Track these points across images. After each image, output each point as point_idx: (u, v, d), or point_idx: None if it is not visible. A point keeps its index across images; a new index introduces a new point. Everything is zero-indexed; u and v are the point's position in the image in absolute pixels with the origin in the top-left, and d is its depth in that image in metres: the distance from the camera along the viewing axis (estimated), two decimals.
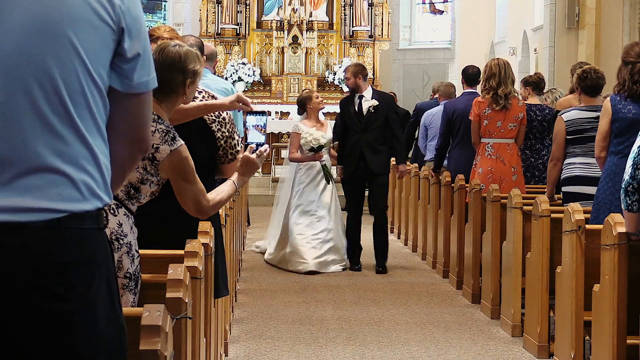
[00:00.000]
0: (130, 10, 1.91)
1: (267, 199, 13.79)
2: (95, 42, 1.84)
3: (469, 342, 5.99)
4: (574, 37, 13.45)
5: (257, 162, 3.62)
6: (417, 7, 21.57)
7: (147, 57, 1.97)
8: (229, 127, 4.08)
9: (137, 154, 2.05)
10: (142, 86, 1.96)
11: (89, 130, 1.84)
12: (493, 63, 7.50)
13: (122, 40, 1.90)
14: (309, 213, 8.78)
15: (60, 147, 1.80)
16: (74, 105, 1.82)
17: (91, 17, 1.83)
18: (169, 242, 3.64)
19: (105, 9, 1.86)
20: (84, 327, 1.82)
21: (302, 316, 6.74)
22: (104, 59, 1.87)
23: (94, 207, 1.85)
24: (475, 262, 7.23)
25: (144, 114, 2.00)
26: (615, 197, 5.25)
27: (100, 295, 1.86)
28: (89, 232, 1.85)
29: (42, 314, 1.77)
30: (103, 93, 1.88)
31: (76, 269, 1.81)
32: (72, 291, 1.80)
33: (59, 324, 1.79)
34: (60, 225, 1.79)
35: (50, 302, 1.77)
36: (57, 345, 1.79)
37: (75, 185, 1.82)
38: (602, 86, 6.37)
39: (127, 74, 1.93)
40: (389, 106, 8.83)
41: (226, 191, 3.50)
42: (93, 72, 1.84)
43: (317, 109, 8.86)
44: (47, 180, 1.78)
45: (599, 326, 4.55)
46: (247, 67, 19.03)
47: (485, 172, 7.35)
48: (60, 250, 1.79)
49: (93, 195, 1.85)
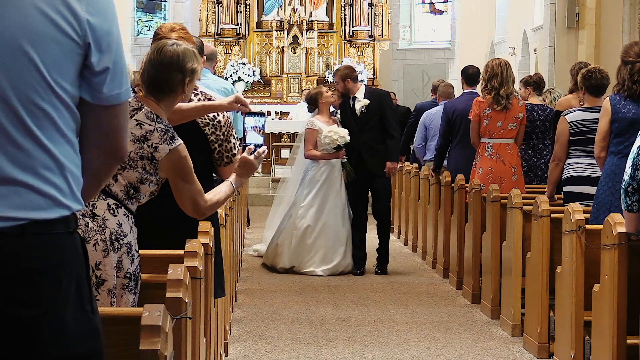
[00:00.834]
0: (99, 24, 1.90)
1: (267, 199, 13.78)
2: (56, 56, 1.84)
3: (469, 342, 5.99)
4: (574, 37, 13.45)
5: (255, 163, 3.62)
6: (417, 7, 21.59)
7: (119, 70, 1.96)
8: (224, 129, 4.05)
9: (113, 162, 2.05)
10: (112, 99, 1.95)
11: (52, 140, 1.84)
12: (494, 63, 7.48)
13: (88, 54, 1.89)
14: (320, 217, 8.54)
15: (21, 158, 1.80)
16: (32, 117, 1.81)
17: (52, 31, 1.83)
18: (169, 242, 3.64)
19: (68, 23, 1.85)
20: (52, 332, 1.81)
21: (302, 316, 6.74)
22: (67, 72, 1.86)
23: (59, 216, 1.84)
24: (475, 262, 7.23)
25: (118, 124, 2.00)
26: (615, 197, 5.25)
27: (69, 300, 1.84)
28: (56, 236, 1.84)
29: (8, 320, 1.76)
30: (68, 104, 1.88)
31: (41, 274, 1.80)
32: (37, 297, 1.79)
33: (26, 330, 1.78)
34: (24, 232, 1.79)
35: (15, 308, 1.77)
36: (25, 351, 1.78)
37: (40, 194, 1.81)
38: (607, 86, 6.36)
39: (96, 86, 1.92)
40: (383, 103, 8.66)
41: (224, 192, 3.50)
42: (54, 84, 1.84)
43: (329, 102, 8.69)
44: (10, 190, 1.79)
45: (599, 326, 4.55)
46: (247, 67, 19.04)
47: (485, 172, 7.35)
48: (24, 256, 1.79)
49: (58, 205, 1.84)
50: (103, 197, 3.19)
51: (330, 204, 8.60)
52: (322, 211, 8.58)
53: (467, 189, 7.61)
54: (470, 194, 7.35)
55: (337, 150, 8.49)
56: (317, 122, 8.59)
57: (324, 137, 8.44)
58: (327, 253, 8.57)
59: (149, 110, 3.32)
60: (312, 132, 8.58)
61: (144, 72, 3.41)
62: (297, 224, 8.61)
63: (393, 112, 8.85)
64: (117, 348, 2.40)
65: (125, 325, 2.42)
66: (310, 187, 8.64)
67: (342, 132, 8.42)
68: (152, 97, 3.37)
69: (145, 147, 3.24)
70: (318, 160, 8.61)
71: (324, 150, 8.53)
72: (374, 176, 8.59)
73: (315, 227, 8.57)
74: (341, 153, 8.52)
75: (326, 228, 8.58)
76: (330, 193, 8.62)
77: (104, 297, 3.08)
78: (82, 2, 1.87)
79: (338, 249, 8.61)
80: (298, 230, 8.60)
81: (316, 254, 8.56)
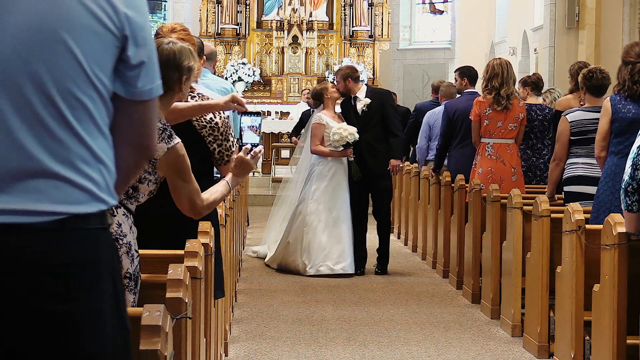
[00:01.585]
0: (136, 17, 1.90)
1: (267, 199, 13.79)
2: (95, 48, 1.84)
3: (469, 342, 5.99)
4: (574, 37, 13.45)
5: (251, 163, 3.62)
6: (417, 7, 21.59)
7: (152, 64, 1.96)
8: (222, 129, 4.06)
9: (142, 160, 2.05)
10: (145, 94, 1.95)
11: (90, 133, 1.84)
12: (495, 63, 7.47)
13: (125, 47, 1.89)
14: (331, 212, 8.45)
15: (60, 151, 1.80)
16: (71, 109, 1.81)
17: (92, 23, 1.83)
18: (169, 242, 3.64)
19: (108, 16, 1.85)
20: (88, 328, 1.81)
21: (302, 316, 6.74)
22: (105, 64, 1.86)
23: (97, 210, 1.84)
24: (475, 262, 7.23)
25: (149, 120, 1.99)
26: (615, 197, 5.25)
27: (105, 296, 1.85)
28: (93, 232, 1.84)
29: (45, 316, 1.76)
30: (105, 97, 1.88)
31: (79, 269, 1.80)
32: (75, 292, 1.79)
33: (62, 325, 1.78)
34: (63, 226, 1.79)
35: (53, 303, 1.76)
36: (61, 346, 1.78)
37: (78, 188, 1.81)
38: (607, 86, 6.36)
39: (130, 80, 1.92)
40: (385, 102, 8.60)
41: (220, 191, 3.50)
42: (92, 76, 1.83)
43: (334, 98, 8.61)
44: (49, 184, 1.78)
45: (599, 326, 4.55)
46: (247, 67, 19.05)
47: (485, 172, 7.35)
48: (63, 251, 1.78)
49: (96, 199, 1.84)
50: None
51: (340, 199, 8.51)
52: (333, 207, 8.49)
53: (467, 189, 7.61)
54: (470, 194, 7.35)
55: (345, 148, 8.45)
56: (325, 117, 8.51)
57: (332, 134, 8.35)
58: (343, 250, 8.45)
59: None
60: (319, 127, 8.49)
61: None
62: (308, 220, 8.50)
63: (395, 111, 8.78)
64: None
65: None
66: (318, 183, 8.53)
67: (352, 130, 8.33)
68: None
69: None
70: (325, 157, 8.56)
71: (329, 146, 8.48)
72: (375, 176, 8.53)
73: (328, 223, 8.47)
74: (349, 151, 8.44)
75: (338, 224, 8.47)
76: (339, 189, 8.53)
77: None
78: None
79: (351, 246, 8.50)
80: (309, 226, 8.49)
81: (331, 251, 8.45)
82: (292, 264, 8.57)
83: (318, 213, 8.48)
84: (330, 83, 9.10)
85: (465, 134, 7.96)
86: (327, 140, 8.44)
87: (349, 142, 8.33)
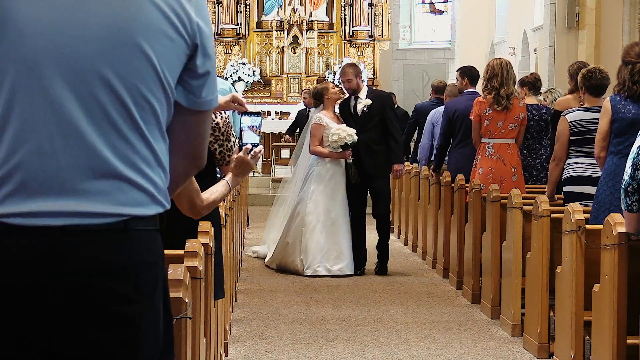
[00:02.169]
0: (206, 28, 1.91)
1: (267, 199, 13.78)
2: (169, 53, 1.84)
3: (469, 342, 5.99)
4: (574, 37, 13.46)
5: (251, 162, 3.63)
6: (417, 7, 21.60)
7: (214, 76, 1.97)
8: (223, 130, 4.06)
9: (192, 169, 2.05)
10: (205, 104, 1.95)
11: (154, 135, 1.84)
12: (495, 63, 7.47)
13: (194, 56, 1.89)
14: (329, 213, 8.44)
15: (126, 152, 1.80)
16: (139, 110, 1.81)
17: (167, 28, 1.83)
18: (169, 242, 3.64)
19: (182, 23, 1.86)
20: (149, 329, 1.82)
21: (302, 316, 6.74)
22: (175, 70, 1.87)
23: (155, 213, 1.85)
24: (475, 262, 7.23)
25: (203, 130, 2.00)
26: (615, 197, 5.25)
27: (162, 297, 1.87)
28: (153, 233, 1.86)
29: (112, 316, 1.77)
30: (171, 102, 1.88)
31: (143, 270, 1.81)
32: (140, 293, 1.80)
33: (127, 327, 1.78)
34: (127, 227, 1.79)
35: (119, 304, 1.77)
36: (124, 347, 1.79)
37: (140, 190, 1.82)
38: (607, 86, 6.36)
39: (194, 90, 1.92)
40: (385, 104, 8.58)
41: (219, 191, 3.51)
42: (164, 81, 1.84)
43: (334, 99, 8.58)
44: (113, 186, 1.78)
45: (599, 326, 4.55)
46: (247, 67, 19.05)
47: (485, 172, 7.35)
48: (128, 251, 1.79)
49: (155, 201, 1.85)
50: None
51: (339, 201, 8.51)
52: (331, 208, 8.48)
53: (467, 189, 7.62)
54: (470, 194, 7.35)
55: (343, 150, 8.44)
56: (324, 117, 8.49)
57: (331, 135, 8.33)
58: (341, 251, 8.47)
59: None
60: (318, 128, 8.48)
61: None
62: (306, 220, 8.50)
63: (395, 115, 8.75)
64: None
65: None
66: (317, 183, 8.53)
67: (351, 131, 8.31)
68: None
69: None
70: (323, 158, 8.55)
71: (328, 147, 8.48)
72: (372, 177, 8.52)
73: (326, 223, 8.47)
74: (347, 153, 8.43)
75: (336, 225, 8.48)
76: (337, 190, 8.53)
77: None
78: (191, 3, 1.88)
79: (349, 247, 8.53)
80: (307, 227, 8.49)
81: (328, 252, 8.46)
82: (291, 264, 8.57)
83: (316, 214, 8.48)
84: (332, 83, 9.08)
85: (465, 134, 7.96)
86: (327, 141, 8.43)
87: (347, 144, 8.32)
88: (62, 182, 1.75)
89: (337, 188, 8.53)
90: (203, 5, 1.92)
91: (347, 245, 8.51)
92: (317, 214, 8.48)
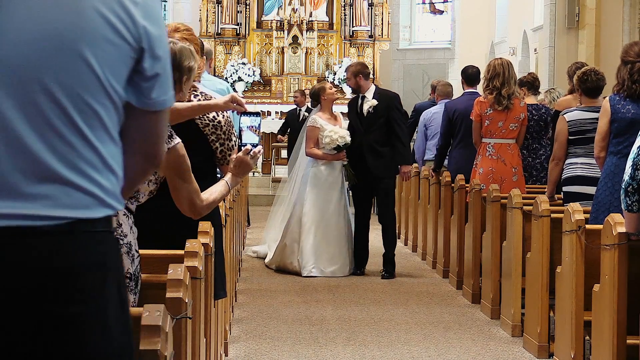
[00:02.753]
0: (153, 30, 1.91)
1: (267, 199, 13.79)
2: (112, 58, 1.84)
3: (469, 342, 5.99)
4: (574, 37, 13.45)
5: (250, 163, 3.63)
6: (417, 7, 21.58)
7: (167, 76, 1.98)
8: (225, 129, 4.06)
9: (149, 168, 2.06)
10: (158, 104, 1.96)
11: (100, 139, 1.85)
12: (496, 63, 7.46)
13: (141, 59, 1.90)
14: (324, 215, 8.46)
15: (69, 155, 1.80)
16: (82, 116, 1.81)
17: (110, 34, 1.83)
18: (169, 242, 3.64)
19: (126, 28, 1.86)
20: (96, 331, 1.81)
21: (302, 316, 6.74)
22: (120, 74, 1.87)
23: (104, 215, 1.86)
24: (475, 262, 7.23)
25: (159, 130, 2.01)
26: (614, 197, 5.25)
27: (112, 300, 1.86)
28: (101, 235, 1.85)
29: (53, 318, 1.77)
30: (117, 105, 1.89)
31: (89, 272, 1.81)
32: (84, 295, 1.80)
33: (69, 328, 1.78)
34: (71, 229, 1.79)
35: (60, 306, 1.77)
36: (67, 349, 1.79)
37: (86, 193, 1.82)
38: (603, 87, 6.37)
39: (144, 92, 1.93)
40: (391, 105, 8.52)
41: (219, 191, 3.51)
42: (107, 85, 1.84)
43: (331, 99, 8.57)
44: (58, 190, 1.79)
45: (599, 326, 4.56)
46: (247, 67, 19.04)
47: (485, 173, 7.34)
48: (72, 253, 1.79)
49: (103, 204, 1.85)
50: None
51: (334, 203, 8.52)
52: (326, 210, 8.49)
53: (467, 189, 7.62)
54: (471, 194, 7.35)
55: (337, 152, 8.44)
56: (319, 119, 8.49)
57: (324, 137, 8.35)
58: (334, 253, 8.49)
59: None
60: (313, 130, 8.48)
61: None
62: (302, 220, 8.52)
63: (401, 115, 8.66)
64: None
65: None
66: (312, 185, 8.53)
67: (343, 133, 8.33)
68: None
69: None
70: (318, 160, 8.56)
71: (323, 149, 8.47)
72: (376, 178, 8.47)
73: (320, 225, 8.48)
74: (342, 155, 8.44)
75: (330, 228, 8.49)
76: (333, 192, 8.54)
77: None
78: (138, 7, 1.87)
79: (342, 249, 8.56)
80: (303, 227, 8.50)
81: (322, 254, 8.47)
82: (290, 265, 8.59)
83: (310, 215, 8.50)
84: (329, 83, 9.07)
85: (465, 134, 7.96)
86: (322, 143, 8.44)
87: (340, 146, 8.32)
88: (7, 186, 1.76)
89: (332, 190, 8.53)
90: (152, 7, 1.92)
91: (342, 247, 8.53)
92: (312, 215, 8.50)
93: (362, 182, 8.52)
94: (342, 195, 8.58)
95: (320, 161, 8.53)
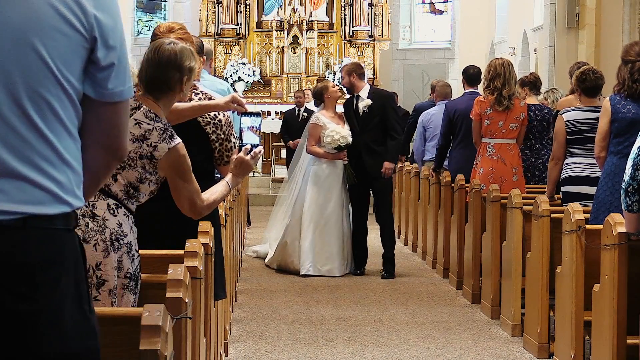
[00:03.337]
0: (105, 19, 1.90)
1: (267, 199, 13.79)
2: (63, 49, 1.83)
3: (469, 342, 5.99)
4: (574, 37, 13.45)
5: (251, 163, 3.63)
6: (417, 7, 21.58)
7: (123, 67, 1.96)
8: (225, 129, 4.07)
9: (113, 161, 2.03)
10: (116, 95, 1.95)
11: (56, 133, 1.83)
12: (497, 63, 7.45)
13: (94, 48, 1.89)
14: (323, 214, 8.45)
15: (23, 150, 1.79)
16: (36, 109, 1.80)
17: (60, 24, 1.82)
18: (169, 242, 3.64)
19: (77, 17, 1.85)
20: (49, 328, 1.80)
21: (302, 316, 6.74)
22: (73, 65, 1.86)
23: (60, 212, 1.83)
24: (475, 262, 7.23)
25: (119, 122, 1.99)
26: (614, 197, 5.24)
27: (68, 298, 1.84)
28: (56, 232, 1.83)
29: (6, 315, 1.75)
30: (73, 98, 1.87)
31: (42, 269, 1.79)
32: (37, 292, 1.78)
33: (24, 325, 1.77)
34: (25, 225, 1.78)
35: (14, 302, 1.76)
36: (21, 346, 1.77)
37: (40, 189, 1.80)
38: (601, 86, 6.37)
39: (100, 82, 1.92)
40: (386, 104, 8.53)
41: (220, 192, 3.51)
42: (60, 77, 1.83)
43: (334, 98, 8.57)
44: (12, 185, 1.78)
45: (599, 326, 4.55)
46: (247, 67, 19.04)
47: (486, 173, 7.34)
48: (25, 249, 1.78)
49: (59, 200, 1.83)
50: (103, 197, 3.19)
51: (334, 202, 8.52)
52: (325, 209, 8.50)
53: (467, 189, 7.61)
54: (471, 194, 7.35)
55: (338, 151, 8.44)
56: (322, 117, 8.50)
57: (325, 136, 8.35)
58: (333, 252, 8.50)
59: (148, 110, 3.32)
60: (315, 127, 8.49)
61: (141, 71, 3.43)
62: (303, 219, 8.52)
63: (396, 114, 8.69)
64: (117, 348, 2.40)
65: (125, 325, 2.42)
66: (312, 183, 8.54)
67: (344, 133, 8.34)
68: (150, 96, 3.37)
69: (145, 146, 3.25)
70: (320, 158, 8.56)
71: (324, 148, 8.48)
72: (373, 178, 8.48)
73: (319, 223, 8.48)
74: (342, 155, 8.44)
75: (329, 226, 8.49)
76: (334, 191, 8.54)
77: (105, 298, 3.08)
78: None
79: (341, 248, 8.57)
80: (302, 225, 8.51)
81: (319, 253, 8.48)
82: (291, 264, 8.59)
83: (310, 213, 8.50)
84: (332, 82, 9.06)
85: (465, 134, 7.95)
86: (324, 142, 8.44)
87: (341, 145, 8.33)
88: None
89: (332, 189, 8.53)
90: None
91: (340, 247, 8.52)
92: (311, 213, 8.50)
93: (359, 182, 8.52)
94: (342, 195, 8.58)
95: (322, 159, 8.53)
